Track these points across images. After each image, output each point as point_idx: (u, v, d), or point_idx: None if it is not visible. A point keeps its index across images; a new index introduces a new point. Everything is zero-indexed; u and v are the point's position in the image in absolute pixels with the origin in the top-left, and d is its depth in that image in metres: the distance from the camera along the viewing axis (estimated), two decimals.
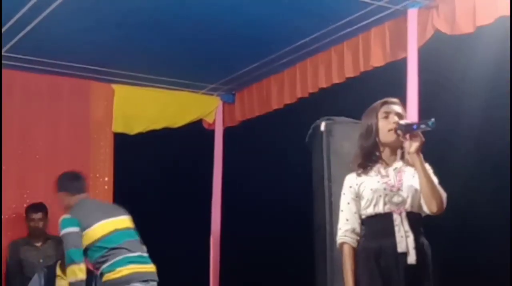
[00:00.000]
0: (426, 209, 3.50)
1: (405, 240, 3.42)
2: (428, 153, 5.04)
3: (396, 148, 3.60)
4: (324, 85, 6.07)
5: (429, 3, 5.09)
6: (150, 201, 7.03)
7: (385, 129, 3.56)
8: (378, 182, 3.54)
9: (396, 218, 3.46)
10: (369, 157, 3.61)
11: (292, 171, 6.06)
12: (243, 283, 6.79)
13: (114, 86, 7.03)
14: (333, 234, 4.64)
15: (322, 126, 4.86)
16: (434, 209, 3.45)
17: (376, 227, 3.51)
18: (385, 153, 3.60)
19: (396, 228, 3.44)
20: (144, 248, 5.32)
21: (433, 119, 3.36)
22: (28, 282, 5.92)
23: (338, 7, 5.34)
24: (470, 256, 5.11)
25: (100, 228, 5.16)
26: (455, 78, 5.37)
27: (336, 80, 5.91)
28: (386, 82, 5.46)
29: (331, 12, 5.41)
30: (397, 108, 3.64)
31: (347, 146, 4.86)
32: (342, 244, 3.57)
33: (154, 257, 5.79)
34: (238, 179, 7.34)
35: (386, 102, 3.66)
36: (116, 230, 5.23)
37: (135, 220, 6.80)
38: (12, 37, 5.83)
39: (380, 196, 3.50)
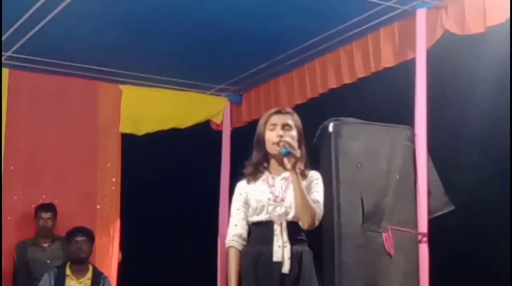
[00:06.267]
0: (300, 222, 3.62)
1: (281, 250, 3.55)
2: (435, 152, 5.06)
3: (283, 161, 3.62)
4: (334, 85, 6.04)
5: (438, 3, 5.05)
6: (158, 201, 7.03)
7: (270, 141, 3.65)
8: (264, 191, 3.66)
9: (276, 228, 3.59)
10: (258, 166, 3.72)
11: None
12: None
13: (121, 87, 7.02)
14: (341, 235, 4.67)
15: (330, 127, 4.85)
16: (305, 225, 3.58)
17: (257, 234, 3.65)
18: (273, 163, 3.71)
19: (275, 238, 3.57)
20: None
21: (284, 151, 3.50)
22: (35, 283, 5.92)
23: (346, 8, 5.31)
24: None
25: None
26: (465, 79, 5.36)
27: (347, 80, 5.88)
28: (396, 82, 5.45)
29: (340, 12, 5.39)
30: (285, 119, 3.70)
31: (355, 146, 4.86)
32: (229, 248, 3.69)
33: (162, 258, 5.79)
34: None
35: (275, 113, 3.73)
36: None
37: (142, 220, 6.80)
38: (20, 38, 5.84)
39: (264, 206, 3.63)
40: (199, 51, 6.19)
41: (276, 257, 3.54)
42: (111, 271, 6.57)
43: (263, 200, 3.63)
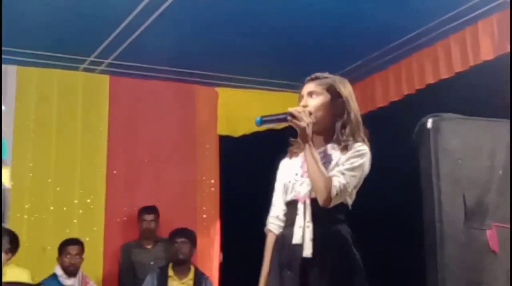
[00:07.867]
0: None
1: (302, 230, 3.09)
2: None
3: (320, 131, 3.23)
4: (431, 81, 5.95)
5: None
6: (252, 201, 7.05)
7: None
8: (294, 167, 3.29)
9: (299, 206, 3.15)
10: (298, 140, 3.30)
11: (398, 169, 5.95)
12: None
13: (217, 89, 7.11)
14: (443, 233, 4.59)
15: (429, 124, 4.76)
16: (319, 199, 3.06)
17: (287, 215, 3.25)
18: (314, 137, 3.20)
19: (297, 218, 3.12)
20: None
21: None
22: (140, 283, 6.06)
23: (443, 2, 5.25)
24: None
25: None
26: None
27: (444, 75, 5.79)
28: (496, 76, 5.31)
29: (436, 6, 5.32)
30: (310, 87, 3.37)
31: (456, 142, 4.76)
32: (267, 231, 3.35)
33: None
34: None
35: (305, 83, 3.40)
36: None
37: (242, 222, 6.83)
38: (119, 46, 6.01)
39: (290, 182, 3.25)
40: (292, 51, 6.21)
41: (296, 239, 3.08)
42: (213, 272, 6.67)
43: (289, 177, 3.26)
